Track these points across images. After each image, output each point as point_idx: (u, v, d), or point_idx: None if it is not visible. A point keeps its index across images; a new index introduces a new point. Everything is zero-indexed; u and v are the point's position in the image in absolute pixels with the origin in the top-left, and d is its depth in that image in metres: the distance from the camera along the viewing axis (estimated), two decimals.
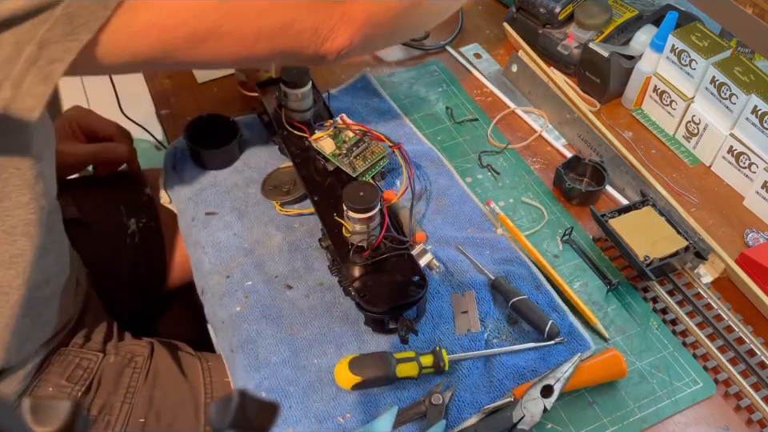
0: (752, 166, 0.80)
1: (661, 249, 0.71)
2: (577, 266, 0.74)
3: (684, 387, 0.65)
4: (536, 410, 0.59)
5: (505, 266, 0.72)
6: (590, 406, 0.64)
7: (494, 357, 0.65)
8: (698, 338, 0.68)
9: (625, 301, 0.71)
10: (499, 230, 0.76)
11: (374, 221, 0.65)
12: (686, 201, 0.82)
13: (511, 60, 0.95)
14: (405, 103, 0.92)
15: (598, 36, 0.92)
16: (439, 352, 0.63)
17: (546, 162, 0.86)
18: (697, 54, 0.81)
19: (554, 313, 0.68)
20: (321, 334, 0.67)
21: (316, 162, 0.76)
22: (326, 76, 0.96)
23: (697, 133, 0.85)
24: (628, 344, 0.68)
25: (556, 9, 0.93)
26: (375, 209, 0.64)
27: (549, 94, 0.89)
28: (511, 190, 0.82)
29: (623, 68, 0.89)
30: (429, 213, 0.77)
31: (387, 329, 0.66)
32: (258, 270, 0.72)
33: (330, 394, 0.63)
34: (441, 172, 0.81)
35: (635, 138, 0.89)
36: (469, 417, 0.61)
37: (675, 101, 0.86)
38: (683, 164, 0.86)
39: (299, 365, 0.65)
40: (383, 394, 0.63)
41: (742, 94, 0.78)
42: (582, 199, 0.80)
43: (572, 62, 0.94)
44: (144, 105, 0.80)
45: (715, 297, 0.71)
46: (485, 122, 0.90)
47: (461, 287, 0.70)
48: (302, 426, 0.61)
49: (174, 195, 0.83)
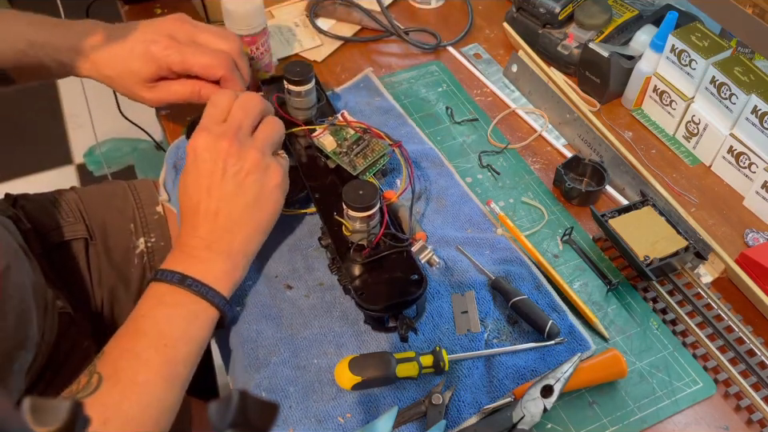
0: (752, 165, 0.80)
1: (661, 249, 0.71)
2: (577, 266, 0.74)
3: (684, 387, 0.65)
4: (536, 409, 0.59)
5: (505, 265, 0.72)
6: (589, 405, 0.64)
7: (493, 357, 0.65)
8: (698, 338, 0.68)
9: (625, 301, 0.71)
10: (499, 230, 0.76)
11: (374, 219, 0.65)
12: (686, 201, 0.82)
13: (511, 60, 0.95)
14: (405, 103, 0.92)
15: (598, 36, 0.92)
16: (439, 352, 0.63)
17: (546, 162, 0.86)
18: (697, 54, 0.81)
19: (554, 313, 0.68)
20: (321, 333, 0.67)
21: (317, 161, 0.76)
22: (327, 76, 0.96)
23: (697, 133, 0.85)
24: (628, 344, 0.68)
25: (556, 9, 0.93)
26: (375, 207, 0.64)
27: (549, 94, 0.89)
28: (511, 190, 0.82)
29: (623, 68, 0.90)
30: (429, 213, 0.77)
31: (387, 327, 0.66)
32: (257, 270, 0.72)
33: (330, 393, 0.63)
34: (441, 172, 0.81)
35: (635, 138, 0.89)
36: (469, 417, 0.61)
37: (675, 101, 0.86)
38: (683, 164, 0.86)
39: (299, 365, 0.65)
40: (383, 394, 0.63)
41: (742, 93, 0.78)
42: (582, 199, 0.80)
43: (572, 62, 0.94)
44: (143, 106, 0.80)
45: (715, 297, 0.71)
46: (485, 122, 0.90)
47: (461, 287, 0.70)
48: (302, 426, 0.61)
49: (174, 194, 0.83)
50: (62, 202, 0.89)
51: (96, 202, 0.92)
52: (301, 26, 1.03)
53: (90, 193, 0.94)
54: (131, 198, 0.93)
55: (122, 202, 0.93)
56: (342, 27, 1.03)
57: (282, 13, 1.06)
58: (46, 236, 0.86)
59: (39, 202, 0.89)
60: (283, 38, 1.01)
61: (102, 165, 1.82)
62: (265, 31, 0.87)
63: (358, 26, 1.03)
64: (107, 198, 0.93)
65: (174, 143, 0.86)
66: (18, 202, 0.88)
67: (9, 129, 2.15)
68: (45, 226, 0.87)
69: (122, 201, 0.93)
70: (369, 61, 0.99)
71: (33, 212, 0.87)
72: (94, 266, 0.87)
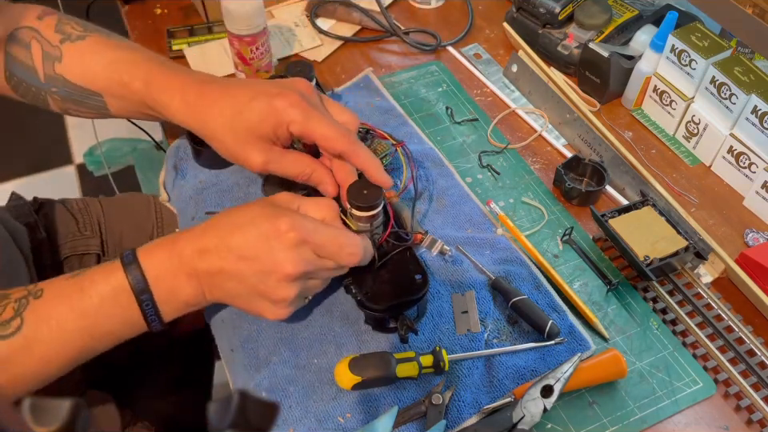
0: (752, 165, 0.80)
1: (661, 249, 0.71)
2: (577, 266, 0.74)
3: (684, 387, 0.65)
4: (536, 410, 0.59)
5: (505, 266, 0.72)
6: (589, 406, 0.64)
7: (493, 357, 0.65)
8: (698, 337, 0.68)
9: (625, 301, 0.71)
10: (499, 230, 0.76)
11: (378, 219, 0.65)
12: (686, 201, 0.82)
13: (511, 60, 0.95)
14: (405, 103, 0.92)
15: (598, 36, 0.92)
16: (439, 352, 0.63)
17: (546, 162, 0.86)
18: (697, 54, 0.81)
19: (554, 313, 0.68)
20: (321, 333, 0.67)
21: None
22: (327, 76, 0.96)
23: (697, 133, 0.85)
24: (628, 344, 0.68)
25: (556, 9, 0.93)
26: (379, 207, 0.64)
27: (549, 94, 0.89)
28: (511, 190, 0.82)
29: (623, 68, 0.90)
30: (429, 213, 0.77)
31: (387, 328, 0.66)
32: None
33: (330, 393, 0.63)
34: (441, 172, 0.81)
35: (635, 138, 0.89)
36: (469, 417, 0.61)
37: (675, 101, 0.86)
38: (683, 164, 0.86)
39: (299, 364, 0.65)
40: (383, 394, 0.63)
41: (742, 93, 0.78)
42: (582, 199, 0.80)
43: (572, 61, 0.94)
44: None
45: (715, 297, 0.71)
46: (485, 122, 0.90)
47: (461, 287, 0.70)
48: (302, 426, 0.61)
49: (174, 194, 0.83)
50: (85, 213, 0.90)
51: (117, 214, 0.93)
52: (301, 26, 1.03)
53: (114, 204, 0.94)
54: (153, 215, 0.93)
55: (143, 218, 0.93)
56: (342, 27, 1.03)
57: (281, 13, 1.06)
58: (58, 247, 0.87)
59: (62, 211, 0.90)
60: (283, 38, 1.01)
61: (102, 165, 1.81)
62: (265, 31, 0.87)
63: (358, 26, 1.03)
64: (129, 213, 0.93)
65: (174, 143, 0.86)
66: (42, 209, 0.88)
67: (9, 129, 2.15)
68: (60, 237, 0.87)
69: (144, 217, 0.93)
70: (369, 61, 0.99)
71: (52, 221, 0.87)
72: None
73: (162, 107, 0.69)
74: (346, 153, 0.64)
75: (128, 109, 0.73)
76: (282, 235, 0.56)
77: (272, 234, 0.57)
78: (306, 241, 0.57)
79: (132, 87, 0.69)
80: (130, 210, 0.94)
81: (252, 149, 0.65)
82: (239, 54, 0.88)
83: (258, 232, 0.57)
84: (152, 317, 0.59)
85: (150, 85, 0.69)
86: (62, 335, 0.57)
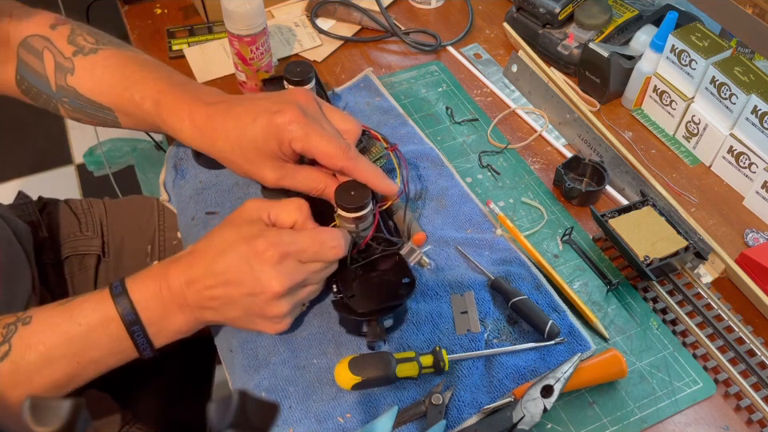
0: (752, 165, 0.80)
1: (661, 249, 0.71)
2: (577, 266, 0.74)
3: (684, 387, 0.65)
4: (536, 410, 0.59)
5: (504, 266, 0.72)
6: (590, 406, 0.64)
7: (493, 357, 0.65)
8: (698, 337, 0.68)
9: (625, 301, 0.71)
10: (499, 231, 0.76)
11: (365, 221, 0.65)
12: (686, 201, 0.82)
13: (511, 60, 0.95)
14: (405, 103, 0.92)
15: (598, 36, 0.92)
16: (439, 352, 0.63)
17: (546, 162, 0.86)
18: (697, 54, 0.81)
19: (554, 313, 0.68)
20: (320, 333, 0.67)
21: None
22: (327, 76, 0.96)
23: (697, 133, 0.85)
24: (628, 344, 0.68)
25: (556, 9, 0.93)
26: (366, 208, 0.64)
27: (549, 94, 0.89)
28: (511, 190, 0.82)
29: (623, 68, 0.90)
30: (428, 213, 0.77)
31: (361, 332, 0.66)
32: None
33: (330, 393, 0.63)
34: (441, 172, 0.81)
35: (635, 138, 0.89)
36: (469, 417, 0.61)
37: (675, 101, 0.86)
38: (683, 164, 0.86)
39: (299, 365, 0.65)
40: (383, 394, 0.63)
41: (742, 93, 0.78)
42: (582, 199, 0.80)
43: (572, 61, 0.94)
44: None
45: (715, 297, 0.71)
46: (485, 122, 0.90)
47: (460, 288, 0.70)
48: (301, 426, 0.61)
49: (174, 194, 0.83)
50: (87, 214, 0.90)
51: (120, 216, 0.93)
52: (301, 26, 1.03)
53: (117, 206, 0.95)
54: (156, 218, 0.93)
55: (146, 221, 0.93)
56: (342, 27, 1.03)
57: (281, 13, 1.06)
58: (60, 247, 0.87)
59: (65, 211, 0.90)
60: (283, 38, 1.01)
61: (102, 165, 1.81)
62: (265, 31, 0.87)
63: (358, 26, 1.03)
64: (132, 215, 0.93)
65: (173, 144, 0.86)
66: (46, 208, 0.88)
67: (9, 129, 2.15)
68: (61, 237, 0.87)
69: (146, 220, 0.93)
70: (369, 61, 0.99)
71: (55, 220, 0.87)
72: (102, 282, 0.87)
73: (173, 131, 0.69)
74: (346, 169, 0.65)
75: (139, 125, 0.74)
76: (261, 255, 0.57)
77: (252, 256, 0.57)
78: (287, 254, 0.58)
79: (143, 107, 0.70)
80: (133, 212, 0.94)
81: (264, 167, 0.66)
82: (239, 54, 0.88)
83: (238, 256, 0.57)
84: (143, 345, 0.59)
85: (160, 106, 0.69)
86: (50, 362, 0.57)
